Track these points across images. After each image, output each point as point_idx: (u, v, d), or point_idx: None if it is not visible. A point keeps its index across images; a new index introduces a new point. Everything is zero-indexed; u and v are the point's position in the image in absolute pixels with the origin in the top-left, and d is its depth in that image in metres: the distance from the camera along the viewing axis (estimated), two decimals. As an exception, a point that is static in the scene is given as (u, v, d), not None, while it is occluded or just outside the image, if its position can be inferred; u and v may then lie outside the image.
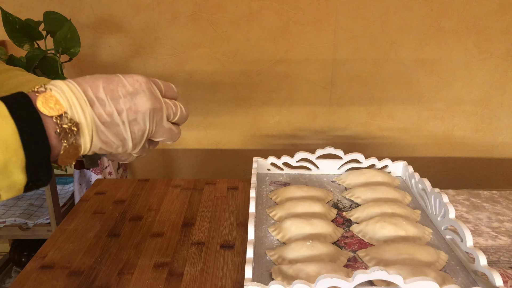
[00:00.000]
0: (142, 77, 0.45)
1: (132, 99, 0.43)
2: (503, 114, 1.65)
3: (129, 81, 0.43)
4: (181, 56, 1.58)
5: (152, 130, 0.45)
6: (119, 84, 0.42)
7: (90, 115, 0.40)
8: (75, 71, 1.59)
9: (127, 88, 0.43)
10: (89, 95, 0.40)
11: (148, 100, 0.44)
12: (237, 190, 0.89)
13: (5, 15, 1.17)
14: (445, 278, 0.57)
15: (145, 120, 0.44)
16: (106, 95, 0.41)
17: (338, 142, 1.68)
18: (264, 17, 1.53)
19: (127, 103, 0.42)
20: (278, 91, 1.63)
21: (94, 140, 0.41)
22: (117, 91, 0.42)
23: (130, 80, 0.43)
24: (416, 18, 1.53)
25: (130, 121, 0.43)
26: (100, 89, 0.41)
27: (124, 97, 0.42)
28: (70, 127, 0.39)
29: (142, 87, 0.44)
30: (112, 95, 0.42)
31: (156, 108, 0.45)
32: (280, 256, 0.62)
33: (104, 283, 0.61)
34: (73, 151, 0.40)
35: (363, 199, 0.78)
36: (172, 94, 0.49)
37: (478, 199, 0.87)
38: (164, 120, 0.46)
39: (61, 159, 0.40)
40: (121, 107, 0.42)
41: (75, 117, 0.39)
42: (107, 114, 0.41)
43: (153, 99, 0.44)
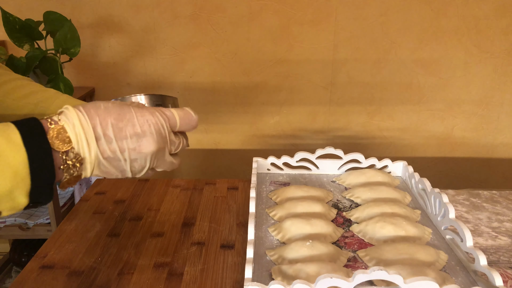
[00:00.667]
0: (154, 117, 0.45)
1: (138, 141, 0.44)
2: (503, 114, 1.65)
3: (140, 121, 0.44)
4: (181, 56, 1.58)
5: (153, 164, 0.47)
6: (129, 123, 0.43)
7: (94, 151, 0.42)
8: (75, 71, 1.60)
9: (135, 128, 0.44)
10: (97, 131, 0.42)
11: (154, 142, 0.45)
12: (237, 190, 0.89)
13: (5, 15, 1.17)
14: (445, 278, 0.57)
15: (146, 159, 0.45)
16: (113, 133, 0.43)
17: (338, 142, 1.68)
18: (264, 17, 1.53)
19: (133, 143, 0.44)
20: (278, 91, 1.63)
21: (95, 171, 0.44)
22: (125, 131, 0.43)
23: (141, 120, 0.44)
24: (416, 18, 1.53)
25: (132, 159, 0.45)
26: (109, 126, 0.43)
27: (131, 138, 0.44)
28: (75, 163, 0.41)
29: (150, 129, 0.44)
30: (120, 134, 0.43)
31: (160, 148, 0.46)
32: (280, 256, 0.62)
33: (104, 283, 0.61)
34: (74, 179, 0.43)
35: (363, 199, 0.78)
36: (189, 126, 0.49)
37: (478, 199, 0.87)
38: (166, 155, 0.48)
39: (62, 185, 0.43)
40: (125, 146, 0.44)
41: (81, 153, 0.41)
42: (110, 151, 0.43)
43: (159, 141, 0.45)
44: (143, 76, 1.62)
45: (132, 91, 1.63)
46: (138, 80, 1.62)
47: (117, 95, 1.64)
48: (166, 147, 0.47)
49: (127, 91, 1.63)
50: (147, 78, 1.62)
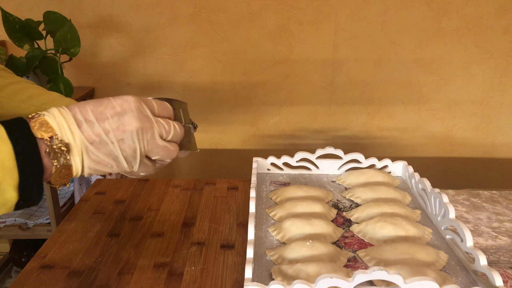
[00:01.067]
0: (132, 97, 0.46)
1: (120, 119, 0.44)
2: (503, 114, 1.65)
3: (118, 102, 0.45)
4: (181, 56, 1.58)
5: (144, 148, 0.46)
6: (108, 106, 0.45)
7: (78, 136, 0.43)
8: (75, 71, 1.60)
9: (115, 109, 0.45)
10: (78, 117, 0.43)
11: (136, 119, 0.45)
12: (237, 190, 0.89)
13: (5, 15, 1.17)
14: (445, 278, 0.57)
15: (133, 138, 0.45)
16: (94, 117, 0.44)
17: (338, 142, 1.68)
18: (264, 17, 1.53)
19: (115, 123, 0.44)
20: (278, 91, 1.63)
21: (85, 160, 0.43)
22: (105, 113, 0.44)
23: (119, 101, 0.45)
24: (416, 18, 1.53)
25: (118, 140, 0.44)
26: (89, 112, 0.44)
27: (112, 118, 0.44)
28: (60, 147, 0.41)
29: (130, 107, 0.45)
30: (100, 116, 0.44)
31: (145, 127, 0.46)
32: (280, 256, 0.62)
33: (104, 283, 0.61)
34: (65, 171, 0.43)
35: (363, 199, 0.78)
36: (167, 113, 0.50)
37: (478, 199, 0.87)
38: (157, 138, 0.47)
39: (54, 178, 0.42)
40: (108, 127, 0.44)
41: (65, 139, 0.42)
42: (95, 135, 0.43)
43: (141, 118, 0.45)
44: (143, 76, 1.62)
45: (132, 91, 1.63)
46: (138, 80, 1.62)
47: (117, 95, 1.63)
48: (153, 126, 0.46)
49: (127, 91, 1.63)
50: (147, 78, 1.62)
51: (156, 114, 0.48)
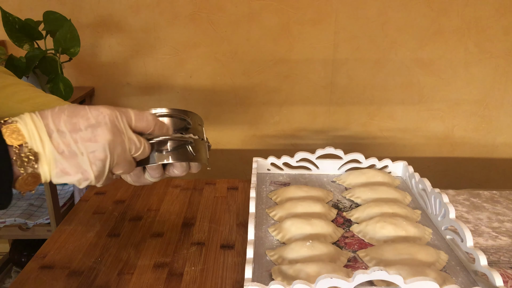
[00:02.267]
0: (108, 109, 0.45)
1: (93, 131, 0.44)
2: (503, 114, 1.65)
3: (93, 114, 0.44)
4: (181, 56, 1.58)
5: (113, 162, 0.46)
6: (83, 117, 0.44)
7: (48, 146, 0.42)
8: (75, 71, 1.59)
9: (90, 120, 0.44)
10: (50, 127, 0.43)
11: (109, 132, 0.45)
12: (237, 190, 0.89)
13: (5, 15, 1.17)
14: (445, 278, 0.57)
15: (105, 151, 0.45)
16: (66, 128, 0.43)
17: (338, 142, 1.68)
18: (264, 17, 1.53)
19: (88, 134, 0.44)
20: (278, 91, 1.63)
21: (53, 169, 0.43)
22: (78, 124, 0.44)
23: (95, 112, 0.45)
24: (416, 18, 1.53)
25: (89, 152, 0.44)
26: (61, 122, 0.43)
27: (85, 129, 0.44)
28: (28, 156, 0.41)
29: (105, 120, 0.45)
30: (73, 127, 0.43)
31: (117, 141, 0.45)
32: (280, 256, 0.62)
33: (104, 283, 0.61)
34: (32, 179, 0.42)
35: (363, 199, 0.78)
36: (145, 125, 0.49)
37: (478, 199, 0.87)
38: (127, 153, 0.47)
39: (19, 184, 0.42)
40: (80, 138, 0.43)
41: (34, 147, 0.42)
42: (64, 145, 0.43)
43: (114, 131, 0.45)
44: (143, 76, 1.61)
45: (132, 91, 1.63)
46: (138, 80, 1.62)
47: (117, 95, 1.64)
48: (124, 141, 0.46)
49: (127, 91, 1.63)
50: (147, 78, 1.62)
51: (132, 127, 0.48)
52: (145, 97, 1.64)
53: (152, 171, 0.54)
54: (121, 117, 0.46)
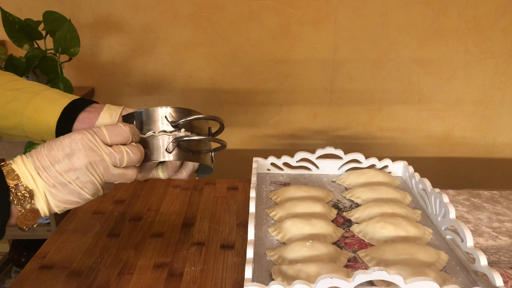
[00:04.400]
0: (80, 133, 0.48)
1: (70, 160, 0.46)
2: (503, 114, 1.65)
3: (67, 143, 0.47)
4: (181, 56, 1.58)
5: (101, 179, 0.48)
6: (59, 148, 0.47)
7: (40, 182, 0.46)
8: (75, 71, 1.59)
9: (65, 150, 0.47)
10: (37, 164, 0.46)
11: (84, 156, 0.47)
12: (237, 190, 0.89)
13: (5, 15, 1.17)
14: (446, 278, 0.57)
15: (87, 174, 0.47)
16: (49, 162, 0.46)
17: (338, 142, 1.68)
18: (264, 17, 1.53)
19: (66, 164, 0.46)
20: (278, 91, 1.63)
21: (51, 201, 0.47)
22: (57, 156, 0.46)
23: (68, 141, 0.47)
24: (416, 18, 1.53)
25: (74, 179, 0.47)
26: (44, 157, 0.46)
27: (63, 160, 0.46)
28: (24, 194, 0.45)
29: (77, 146, 0.47)
30: (53, 160, 0.46)
31: (95, 161, 0.47)
32: (280, 257, 0.62)
33: (104, 283, 0.61)
34: (31, 214, 0.46)
35: (363, 199, 0.78)
36: (121, 138, 0.50)
37: (478, 199, 0.87)
38: (111, 168, 0.49)
39: (19, 221, 0.46)
40: (61, 169, 0.46)
41: (29, 185, 0.45)
42: (52, 178, 0.46)
43: (89, 154, 0.47)
44: (143, 76, 1.61)
45: (132, 91, 1.63)
46: (138, 80, 1.62)
47: (117, 95, 1.64)
48: (103, 159, 0.48)
49: (127, 91, 1.63)
50: (147, 78, 1.62)
51: (109, 143, 0.49)
52: (145, 97, 1.64)
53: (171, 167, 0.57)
54: (93, 137, 0.48)
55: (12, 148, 1.35)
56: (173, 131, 0.54)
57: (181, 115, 0.55)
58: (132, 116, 0.56)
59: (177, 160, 0.54)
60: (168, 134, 0.54)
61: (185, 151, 0.54)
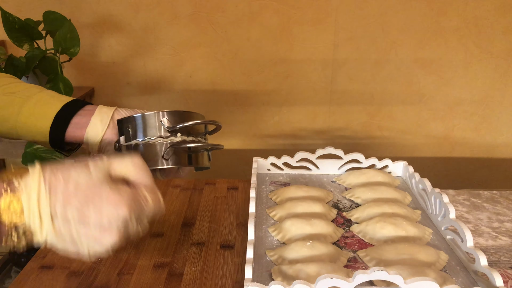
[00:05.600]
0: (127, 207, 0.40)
1: (101, 232, 0.39)
2: (503, 114, 1.65)
3: (109, 212, 0.39)
4: (181, 56, 1.58)
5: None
6: (95, 210, 0.39)
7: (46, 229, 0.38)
8: (75, 71, 1.59)
9: (102, 219, 0.39)
10: (56, 210, 0.38)
11: (117, 237, 0.40)
12: (237, 190, 0.89)
13: (5, 15, 1.17)
14: (446, 278, 0.57)
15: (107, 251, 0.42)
16: (74, 217, 0.38)
17: (338, 142, 1.68)
18: (264, 17, 1.53)
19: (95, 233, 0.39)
20: (278, 91, 1.63)
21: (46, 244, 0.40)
22: (88, 217, 0.39)
23: (111, 211, 0.39)
24: (416, 18, 1.53)
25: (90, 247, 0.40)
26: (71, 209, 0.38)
27: (94, 228, 0.39)
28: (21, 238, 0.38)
29: (118, 223, 0.40)
30: (82, 220, 0.39)
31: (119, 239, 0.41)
32: (280, 256, 0.62)
33: (104, 283, 0.61)
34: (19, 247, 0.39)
35: (363, 199, 0.78)
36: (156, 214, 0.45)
37: (478, 199, 0.87)
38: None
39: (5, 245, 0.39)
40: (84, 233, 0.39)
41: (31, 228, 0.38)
42: (66, 232, 0.39)
43: (121, 236, 0.41)
44: (143, 76, 1.61)
45: (132, 91, 1.63)
46: (138, 80, 1.62)
47: (117, 95, 1.64)
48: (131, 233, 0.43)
49: (127, 91, 1.63)
50: (147, 78, 1.62)
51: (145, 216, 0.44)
52: (145, 97, 1.64)
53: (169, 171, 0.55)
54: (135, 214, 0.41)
55: (12, 148, 1.35)
56: (169, 136, 0.53)
57: (177, 119, 0.54)
58: (127, 121, 0.55)
59: (175, 165, 0.53)
60: (165, 140, 0.53)
61: (182, 155, 0.53)
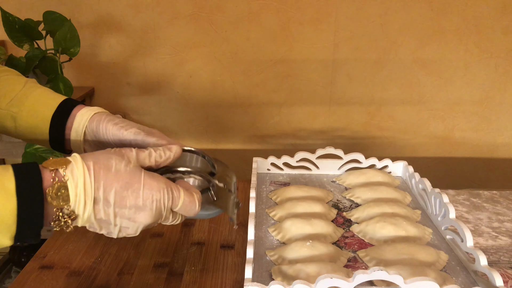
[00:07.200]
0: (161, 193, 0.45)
1: (136, 212, 0.44)
2: (503, 114, 1.65)
3: (145, 195, 0.44)
4: (181, 56, 1.58)
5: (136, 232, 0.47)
6: (133, 193, 0.43)
7: (88, 212, 0.42)
8: (75, 71, 1.59)
9: (138, 200, 0.44)
10: (99, 194, 0.42)
11: (150, 217, 0.45)
12: (237, 190, 0.89)
13: (5, 15, 1.17)
14: (446, 278, 0.57)
15: (137, 231, 0.46)
16: (114, 199, 0.43)
17: (338, 142, 1.68)
18: (264, 17, 1.53)
19: (130, 214, 0.44)
20: (278, 91, 1.63)
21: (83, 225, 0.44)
22: (126, 200, 0.43)
23: (147, 193, 0.44)
24: (416, 18, 1.53)
25: (122, 226, 0.45)
26: (112, 192, 0.43)
27: (130, 209, 0.44)
28: (67, 220, 0.41)
29: (152, 205, 0.44)
30: (120, 202, 0.43)
31: (153, 222, 0.46)
32: (280, 256, 0.62)
33: (104, 283, 0.61)
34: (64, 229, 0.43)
35: (363, 199, 0.78)
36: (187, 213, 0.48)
37: (478, 199, 0.87)
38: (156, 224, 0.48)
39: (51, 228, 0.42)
40: (121, 213, 0.44)
41: (75, 210, 0.42)
42: (105, 214, 0.43)
43: (155, 216, 0.45)
44: (143, 76, 1.61)
45: (132, 91, 1.63)
46: (138, 80, 1.62)
47: (117, 95, 1.64)
48: (159, 220, 0.47)
49: (127, 91, 1.63)
50: (147, 78, 1.62)
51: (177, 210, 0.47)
52: (145, 97, 1.64)
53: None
54: (169, 203, 0.46)
55: (12, 148, 1.35)
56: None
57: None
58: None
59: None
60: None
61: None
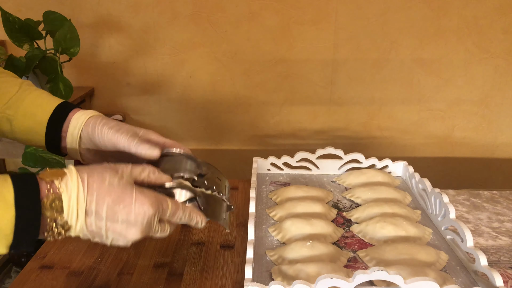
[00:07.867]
0: (153, 207, 0.46)
1: (127, 228, 0.45)
2: (503, 114, 1.65)
3: (136, 210, 0.45)
4: (181, 56, 1.58)
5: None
6: (125, 208, 0.45)
7: (80, 223, 0.43)
8: (75, 71, 1.59)
9: (129, 216, 0.45)
10: (91, 208, 0.43)
11: (140, 233, 0.46)
12: (237, 190, 0.89)
13: (5, 15, 1.17)
14: (446, 278, 0.57)
15: (127, 243, 0.47)
16: (106, 213, 0.44)
17: (338, 142, 1.68)
18: (264, 17, 1.53)
19: (121, 228, 0.45)
20: (278, 91, 1.63)
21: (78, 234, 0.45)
22: (118, 215, 0.44)
23: (138, 209, 0.45)
24: (416, 18, 1.53)
25: (113, 239, 0.46)
26: (104, 206, 0.44)
27: (121, 223, 0.45)
28: (60, 230, 0.43)
29: (143, 221, 0.45)
30: (112, 216, 0.44)
31: (144, 235, 0.47)
32: (280, 256, 0.62)
33: (104, 283, 0.61)
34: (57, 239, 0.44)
35: (363, 199, 0.78)
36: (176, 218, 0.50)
37: (478, 199, 0.87)
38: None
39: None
40: (112, 228, 0.45)
41: (69, 221, 0.43)
42: (96, 227, 0.44)
43: (146, 232, 0.47)
44: (143, 76, 1.61)
45: (132, 91, 1.63)
46: (138, 80, 1.62)
47: (117, 95, 1.64)
48: (150, 233, 0.48)
49: (127, 91, 1.63)
50: (147, 78, 1.62)
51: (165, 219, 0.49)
52: (145, 97, 1.64)
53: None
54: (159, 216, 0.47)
55: (12, 148, 1.35)
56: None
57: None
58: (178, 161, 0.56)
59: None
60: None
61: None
